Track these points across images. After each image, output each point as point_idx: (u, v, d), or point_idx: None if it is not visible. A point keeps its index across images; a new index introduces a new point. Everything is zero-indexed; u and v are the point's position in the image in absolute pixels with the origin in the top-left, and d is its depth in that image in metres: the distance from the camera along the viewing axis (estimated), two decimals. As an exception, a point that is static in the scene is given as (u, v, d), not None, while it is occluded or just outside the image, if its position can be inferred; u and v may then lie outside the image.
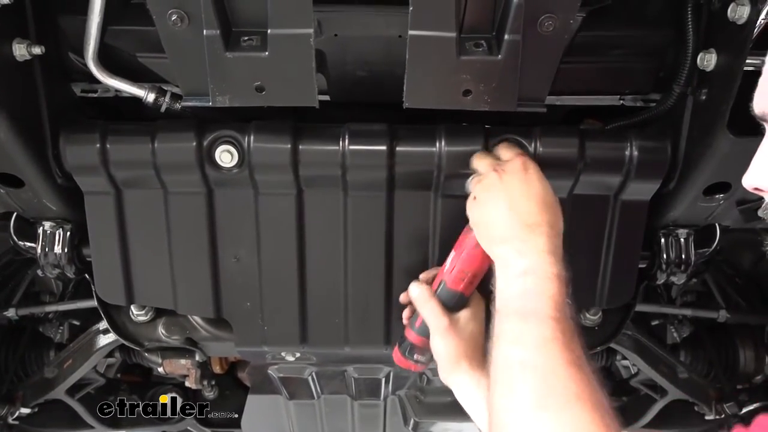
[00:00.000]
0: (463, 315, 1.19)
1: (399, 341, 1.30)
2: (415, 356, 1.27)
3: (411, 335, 1.26)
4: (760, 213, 0.85)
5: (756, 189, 0.83)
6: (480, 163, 1.14)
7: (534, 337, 0.91)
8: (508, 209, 1.02)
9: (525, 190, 1.03)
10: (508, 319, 0.95)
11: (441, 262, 1.37)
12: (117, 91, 1.26)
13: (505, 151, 1.14)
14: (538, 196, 1.03)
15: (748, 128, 1.08)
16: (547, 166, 1.24)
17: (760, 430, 0.72)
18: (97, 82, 1.20)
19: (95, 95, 1.33)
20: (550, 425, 0.83)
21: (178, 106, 1.22)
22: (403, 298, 1.28)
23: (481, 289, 1.22)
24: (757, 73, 0.82)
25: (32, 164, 1.21)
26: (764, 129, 0.82)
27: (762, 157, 0.81)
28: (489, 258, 1.07)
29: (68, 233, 1.39)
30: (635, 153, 1.23)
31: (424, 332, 1.23)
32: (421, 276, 1.27)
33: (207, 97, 1.04)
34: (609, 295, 1.42)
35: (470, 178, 1.16)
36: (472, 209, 1.09)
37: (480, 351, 1.17)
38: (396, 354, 1.30)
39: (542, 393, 0.86)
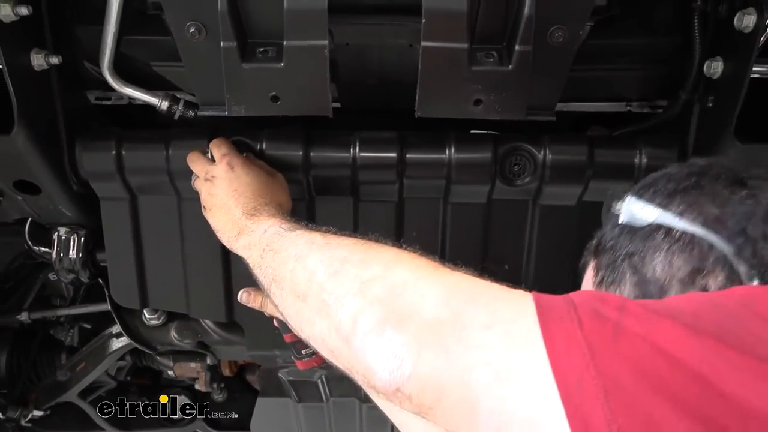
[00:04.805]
0: None
1: (291, 353, 1.30)
2: (303, 351, 1.26)
3: (286, 338, 1.25)
4: None
5: None
6: (194, 166, 1.20)
7: (292, 241, 0.91)
8: (228, 212, 1.10)
9: (236, 187, 1.12)
10: (264, 263, 0.93)
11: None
12: (131, 99, 1.28)
13: (215, 152, 1.20)
14: (249, 187, 1.12)
15: (755, 135, 1.10)
16: (557, 174, 1.26)
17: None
18: (111, 90, 1.22)
19: (109, 103, 1.35)
20: (373, 260, 0.77)
21: (191, 113, 1.24)
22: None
23: None
24: (763, 81, 0.81)
25: (49, 171, 1.23)
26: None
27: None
28: None
29: (82, 239, 1.41)
30: (644, 160, 1.24)
31: (286, 328, 1.20)
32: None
33: (223, 107, 1.05)
34: (616, 299, 1.43)
35: (193, 178, 1.22)
36: (207, 217, 1.16)
37: None
38: (297, 363, 1.29)
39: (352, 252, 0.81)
